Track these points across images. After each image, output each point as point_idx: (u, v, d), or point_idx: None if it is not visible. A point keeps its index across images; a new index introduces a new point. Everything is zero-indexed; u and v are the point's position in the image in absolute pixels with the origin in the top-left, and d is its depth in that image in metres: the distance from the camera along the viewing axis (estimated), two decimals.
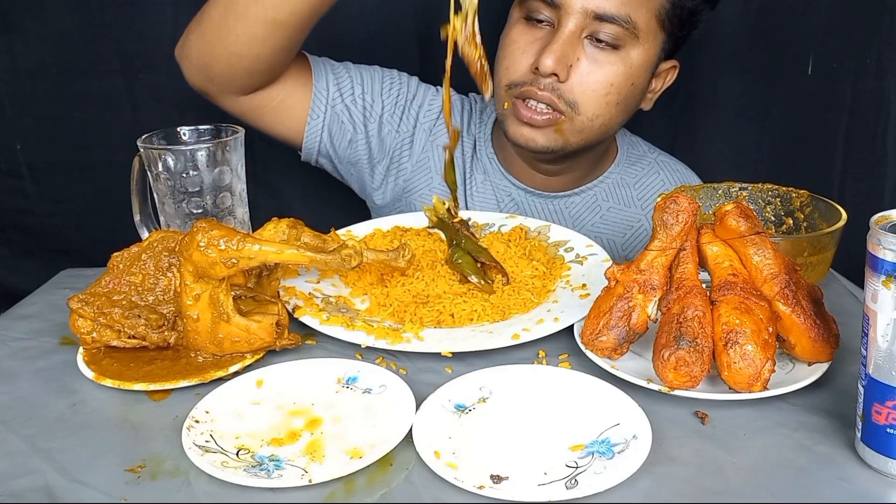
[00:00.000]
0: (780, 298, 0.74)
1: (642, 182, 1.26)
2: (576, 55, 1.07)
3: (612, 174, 1.25)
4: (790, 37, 1.45)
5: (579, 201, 1.24)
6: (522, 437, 0.68)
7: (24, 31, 1.51)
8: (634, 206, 1.25)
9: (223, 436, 0.69)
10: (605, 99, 1.09)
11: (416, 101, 1.25)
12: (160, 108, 1.54)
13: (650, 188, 1.26)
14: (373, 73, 1.24)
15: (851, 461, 0.65)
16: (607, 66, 1.08)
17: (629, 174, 1.26)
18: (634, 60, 1.09)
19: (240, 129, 0.93)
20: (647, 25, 1.07)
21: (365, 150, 1.23)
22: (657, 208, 0.77)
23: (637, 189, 1.25)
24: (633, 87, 1.11)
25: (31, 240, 1.65)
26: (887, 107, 1.42)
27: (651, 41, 1.09)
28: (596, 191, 1.24)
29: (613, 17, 1.04)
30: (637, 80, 1.11)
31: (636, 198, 1.25)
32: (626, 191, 1.25)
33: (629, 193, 1.25)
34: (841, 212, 0.89)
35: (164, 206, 0.93)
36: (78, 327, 0.81)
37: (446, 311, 0.89)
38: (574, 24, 1.05)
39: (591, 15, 1.04)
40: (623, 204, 1.25)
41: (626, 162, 1.27)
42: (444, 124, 1.25)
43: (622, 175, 1.26)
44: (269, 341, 0.80)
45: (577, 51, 1.07)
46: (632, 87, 1.10)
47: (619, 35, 1.06)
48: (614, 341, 0.77)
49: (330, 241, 0.89)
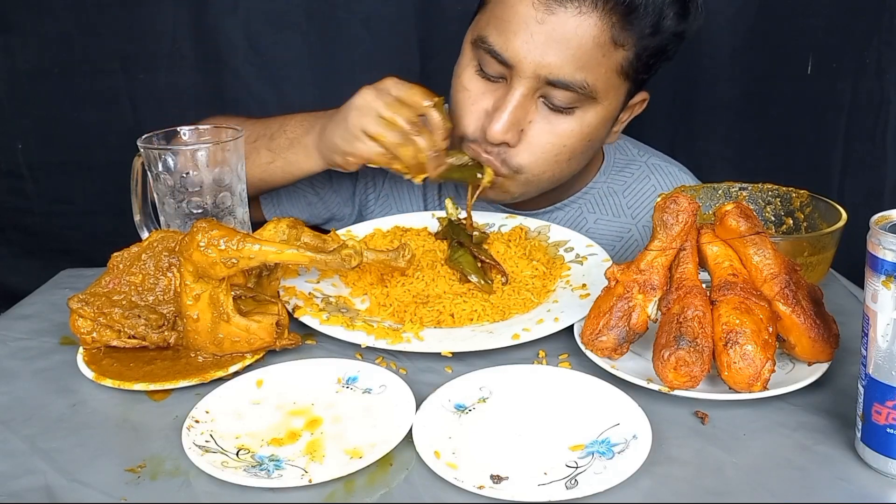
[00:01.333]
0: (780, 298, 0.74)
1: (632, 189, 1.19)
2: (528, 118, 1.00)
3: (598, 184, 1.19)
4: (790, 37, 1.45)
5: (562, 216, 1.18)
6: (522, 437, 0.68)
7: (24, 31, 1.51)
8: (624, 216, 1.18)
9: (223, 436, 0.69)
10: (556, 159, 1.03)
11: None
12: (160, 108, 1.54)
13: (641, 195, 1.19)
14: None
15: (851, 461, 0.65)
16: (561, 128, 1.00)
17: (617, 182, 1.20)
18: (591, 120, 1.01)
19: (240, 129, 0.93)
20: (606, 84, 0.99)
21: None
22: (657, 208, 0.77)
23: (627, 196, 1.19)
24: (591, 142, 1.04)
25: (31, 240, 1.65)
26: (887, 107, 1.42)
27: (612, 97, 1.01)
28: (580, 203, 1.18)
29: (568, 83, 0.96)
30: (594, 135, 1.04)
31: (626, 206, 1.19)
32: (614, 199, 1.19)
33: (618, 202, 1.19)
34: (841, 212, 0.89)
35: (164, 206, 0.93)
36: (78, 327, 0.81)
37: (446, 311, 0.89)
38: (526, 87, 0.97)
39: (543, 80, 0.97)
40: (611, 214, 1.18)
41: (612, 169, 1.20)
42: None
43: (609, 184, 1.20)
44: (269, 341, 0.80)
45: (530, 112, 1.00)
46: (588, 142, 1.04)
47: (573, 99, 0.98)
48: (614, 341, 0.77)
49: (330, 241, 0.89)
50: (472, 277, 0.93)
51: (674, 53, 1.04)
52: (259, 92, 1.55)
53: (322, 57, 1.54)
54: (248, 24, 1.51)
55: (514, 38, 0.96)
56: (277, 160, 1.09)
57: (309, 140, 1.06)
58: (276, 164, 1.09)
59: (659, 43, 1.00)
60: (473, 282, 0.92)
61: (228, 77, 1.54)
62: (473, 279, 0.92)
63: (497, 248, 1.00)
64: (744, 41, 1.47)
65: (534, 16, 0.95)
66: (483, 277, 0.93)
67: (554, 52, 0.95)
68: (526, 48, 0.96)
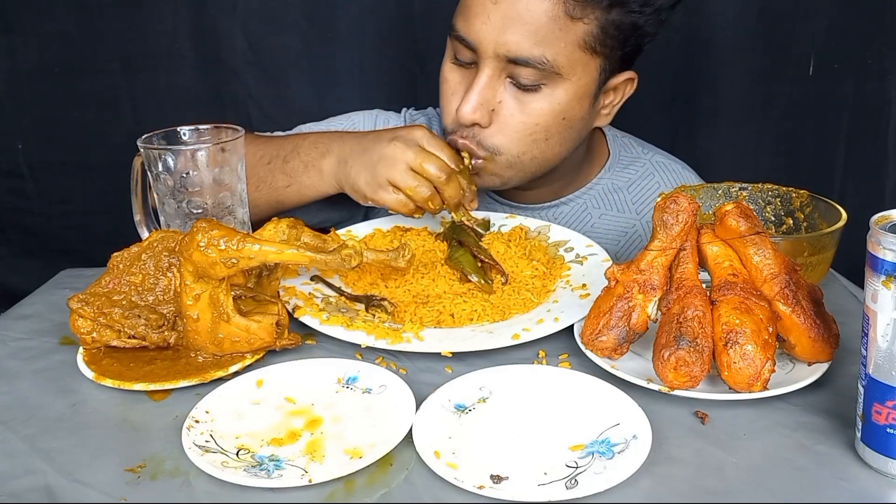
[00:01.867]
0: (780, 298, 0.74)
1: (636, 185, 1.21)
2: (497, 98, 1.02)
3: (602, 180, 1.21)
4: (791, 38, 1.45)
5: (567, 210, 1.19)
6: (522, 437, 0.68)
7: (24, 31, 1.51)
8: (628, 212, 1.20)
9: (223, 436, 0.69)
10: (531, 138, 1.04)
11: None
12: (160, 108, 1.54)
13: (645, 191, 1.21)
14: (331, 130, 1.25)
15: (851, 461, 0.65)
16: (531, 107, 1.02)
17: (621, 178, 1.21)
18: (561, 97, 1.02)
19: (240, 129, 0.93)
20: (569, 59, 1.00)
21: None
22: (657, 208, 0.77)
23: (631, 193, 1.21)
24: (566, 120, 1.05)
25: (31, 240, 1.65)
26: (888, 107, 1.42)
27: (580, 73, 1.02)
28: (585, 198, 1.20)
29: (527, 60, 0.98)
30: (569, 113, 1.04)
31: (630, 202, 1.20)
32: (618, 195, 1.20)
33: (622, 198, 1.20)
34: (841, 212, 0.89)
35: (164, 206, 0.92)
36: (78, 327, 0.81)
37: (446, 311, 0.89)
38: (491, 68, 1.01)
39: (503, 59, 0.99)
40: (616, 210, 1.20)
41: (617, 166, 1.22)
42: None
43: (613, 180, 1.21)
44: (269, 341, 0.80)
45: (499, 93, 1.02)
46: (563, 121, 1.04)
47: (538, 76, 1.00)
48: (614, 341, 0.77)
49: (330, 241, 0.89)
50: (473, 277, 0.93)
51: (654, 30, 1.04)
52: (259, 92, 1.55)
53: (321, 57, 1.54)
54: (247, 24, 1.51)
55: (475, 20, 1.00)
56: (293, 184, 1.09)
57: (325, 165, 1.06)
58: (293, 188, 1.09)
59: (627, 18, 1.00)
60: (473, 281, 0.92)
61: (228, 77, 1.54)
62: (474, 279, 0.92)
63: (497, 248, 1.00)
64: (745, 42, 1.47)
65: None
66: (483, 277, 0.93)
67: (510, 30, 0.98)
68: (485, 29, 0.99)
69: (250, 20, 1.51)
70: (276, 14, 1.51)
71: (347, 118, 1.27)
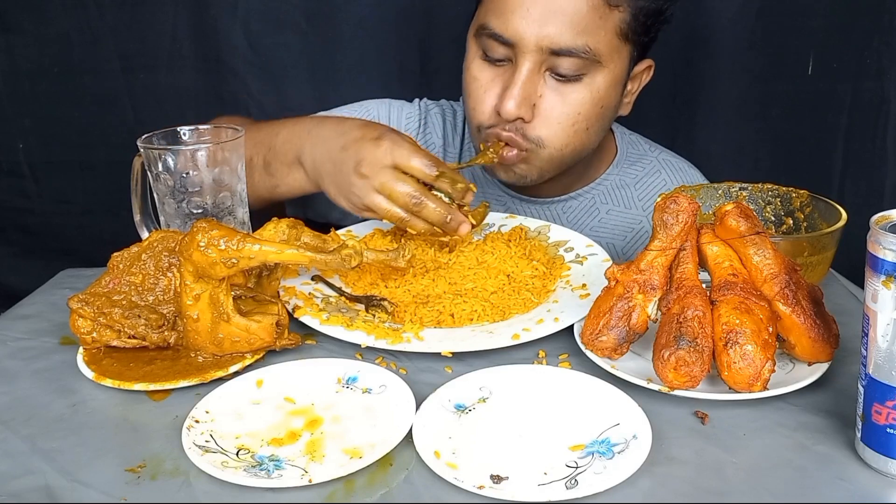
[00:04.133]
0: (780, 298, 0.74)
1: (643, 182, 1.23)
2: (538, 92, 1.03)
3: (611, 176, 1.23)
4: (790, 37, 1.45)
5: (576, 205, 1.22)
6: (522, 437, 0.68)
7: (23, 31, 1.51)
8: (635, 208, 1.22)
9: (223, 436, 0.69)
10: (573, 129, 1.06)
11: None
12: (160, 108, 1.54)
13: (652, 188, 1.23)
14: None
15: (851, 461, 0.65)
16: (572, 97, 1.04)
17: (629, 175, 1.24)
18: (600, 84, 1.05)
19: (240, 129, 0.93)
20: (608, 47, 1.02)
21: None
22: (657, 208, 0.77)
23: (638, 189, 1.23)
24: (603, 108, 1.07)
25: (32, 240, 1.65)
26: (887, 107, 1.42)
27: (616, 59, 1.05)
28: (594, 193, 1.22)
29: (571, 50, 1.00)
30: (606, 100, 1.07)
31: (637, 198, 1.23)
32: (625, 192, 1.23)
33: (629, 194, 1.23)
34: (841, 212, 0.89)
35: (164, 206, 0.92)
36: (78, 327, 0.81)
37: (446, 311, 0.89)
38: (531, 62, 1.01)
39: (546, 51, 1.00)
40: (623, 206, 1.22)
41: (625, 162, 1.24)
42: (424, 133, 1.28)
43: (621, 176, 1.24)
44: (269, 341, 0.80)
45: (539, 87, 1.03)
46: (601, 109, 1.07)
47: (579, 66, 1.02)
48: (614, 341, 0.77)
49: (330, 241, 0.89)
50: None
51: (671, 16, 1.07)
52: (259, 92, 1.55)
53: (321, 57, 1.54)
54: (247, 24, 1.51)
55: (513, 16, 1.01)
56: (281, 187, 1.08)
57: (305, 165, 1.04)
58: (280, 190, 1.09)
59: (654, 3, 1.04)
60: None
61: (228, 77, 1.54)
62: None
63: (497, 248, 1.00)
64: (744, 41, 1.47)
65: None
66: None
67: (552, 22, 0.99)
68: (525, 24, 1.00)
69: (250, 20, 1.51)
70: (276, 14, 1.51)
71: (361, 106, 1.27)
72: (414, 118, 1.27)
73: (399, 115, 1.27)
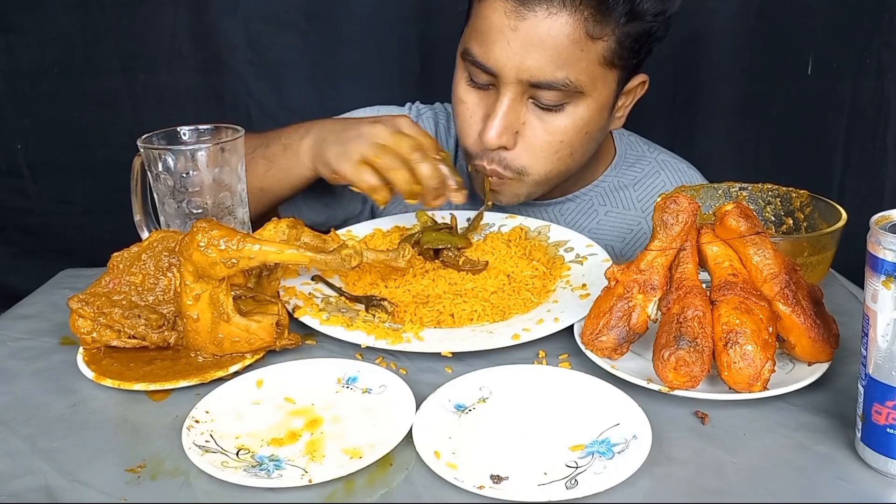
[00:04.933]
0: (780, 298, 0.74)
1: (642, 183, 1.23)
2: (520, 120, 1.02)
3: (609, 177, 1.22)
4: (790, 37, 1.45)
5: (574, 207, 1.21)
6: (522, 437, 0.68)
7: (23, 31, 1.51)
8: (634, 209, 1.22)
9: (223, 436, 0.69)
10: (557, 156, 1.05)
11: None
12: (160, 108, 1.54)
13: (651, 189, 1.23)
14: None
15: (851, 461, 0.65)
16: (554, 125, 1.03)
17: (627, 176, 1.23)
18: (583, 113, 1.03)
19: (240, 129, 0.93)
20: (591, 77, 1.00)
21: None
22: (657, 208, 0.77)
23: (637, 190, 1.22)
24: (588, 134, 1.06)
25: (32, 240, 1.65)
26: (887, 107, 1.42)
27: (601, 87, 1.02)
28: (591, 195, 1.21)
29: (550, 83, 0.99)
30: (591, 126, 1.05)
31: (635, 199, 1.22)
32: (624, 193, 1.22)
33: (628, 195, 1.22)
34: (841, 212, 0.89)
35: (164, 206, 0.92)
36: (78, 327, 0.81)
37: (446, 311, 0.89)
38: (513, 92, 1.00)
39: (526, 83, 0.99)
40: (621, 207, 1.22)
41: (623, 164, 1.24)
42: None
43: (619, 177, 1.23)
44: (269, 341, 0.80)
45: (522, 115, 1.02)
46: (585, 135, 1.05)
47: (560, 97, 1.00)
48: (614, 341, 0.77)
49: (330, 241, 0.89)
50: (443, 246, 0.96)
51: (664, 33, 1.04)
52: (259, 92, 1.55)
53: (322, 57, 1.54)
54: (247, 24, 1.51)
55: (493, 47, 0.99)
56: (272, 168, 1.08)
57: (303, 146, 1.05)
58: (271, 172, 1.08)
59: (641, 28, 1.01)
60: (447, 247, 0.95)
61: (228, 77, 1.54)
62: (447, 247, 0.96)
63: (497, 248, 1.00)
64: (744, 41, 1.47)
65: (507, 24, 0.97)
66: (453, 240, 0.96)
67: (532, 55, 0.97)
68: (505, 56, 0.98)
69: (250, 20, 1.51)
70: (276, 14, 1.51)
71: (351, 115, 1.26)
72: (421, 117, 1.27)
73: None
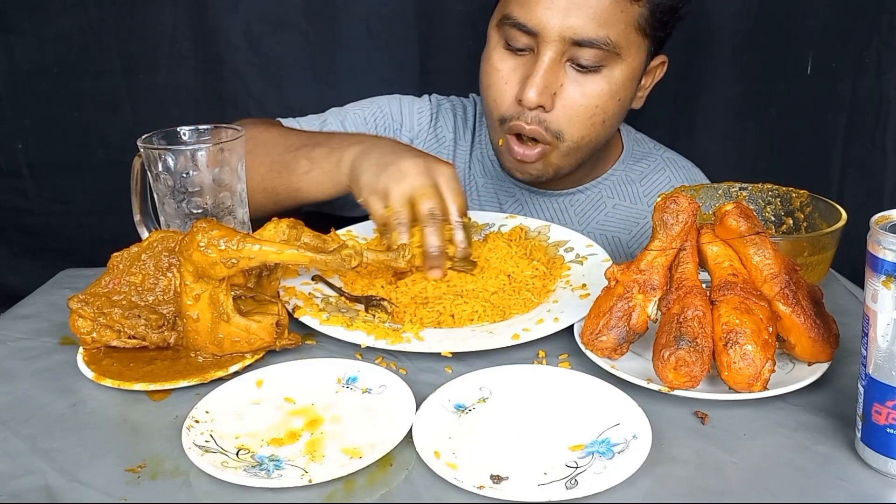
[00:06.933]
0: (780, 298, 0.74)
1: (648, 178, 1.26)
2: (559, 82, 1.05)
3: (617, 171, 1.25)
4: (790, 37, 1.45)
5: (584, 198, 1.24)
6: (522, 437, 0.68)
7: (23, 31, 1.51)
8: (640, 203, 1.25)
9: (223, 436, 0.69)
10: (591, 120, 1.08)
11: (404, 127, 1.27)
12: (160, 108, 1.54)
13: (656, 185, 1.26)
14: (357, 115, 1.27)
15: (851, 461, 0.65)
16: (591, 88, 1.06)
17: (634, 171, 1.26)
18: (618, 77, 1.07)
19: (240, 129, 0.93)
20: (627, 40, 1.05)
21: None
22: (657, 208, 0.77)
23: (643, 185, 1.26)
24: (620, 101, 1.10)
25: (31, 240, 1.65)
26: (887, 106, 1.42)
27: (634, 53, 1.07)
28: (601, 187, 1.24)
29: (592, 41, 1.02)
30: (623, 93, 1.09)
31: (642, 194, 1.25)
32: (631, 187, 1.25)
33: (635, 189, 1.25)
34: (841, 212, 0.89)
35: (164, 206, 0.92)
36: (78, 327, 0.81)
37: (446, 312, 0.89)
38: (553, 52, 1.03)
39: (568, 41, 1.03)
40: (629, 200, 1.25)
41: (631, 159, 1.27)
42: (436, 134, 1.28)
43: (627, 172, 1.26)
44: (269, 341, 0.80)
45: (560, 76, 1.05)
46: (618, 101, 1.09)
47: (600, 57, 1.04)
48: (614, 341, 0.77)
49: (330, 242, 0.89)
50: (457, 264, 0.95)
51: (685, 13, 1.11)
52: (259, 92, 1.55)
53: (322, 57, 1.53)
54: (248, 24, 1.51)
55: (536, 7, 1.03)
56: (313, 170, 1.06)
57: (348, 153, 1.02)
58: (311, 174, 1.06)
59: (670, 2, 1.07)
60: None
61: (228, 77, 1.54)
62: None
63: (497, 248, 1.00)
64: (744, 41, 1.47)
65: None
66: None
67: (575, 13, 1.02)
68: (549, 14, 1.02)
69: (250, 20, 1.51)
70: (277, 14, 1.51)
71: (371, 102, 1.29)
72: (425, 112, 1.29)
73: (410, 110, 1.28)
